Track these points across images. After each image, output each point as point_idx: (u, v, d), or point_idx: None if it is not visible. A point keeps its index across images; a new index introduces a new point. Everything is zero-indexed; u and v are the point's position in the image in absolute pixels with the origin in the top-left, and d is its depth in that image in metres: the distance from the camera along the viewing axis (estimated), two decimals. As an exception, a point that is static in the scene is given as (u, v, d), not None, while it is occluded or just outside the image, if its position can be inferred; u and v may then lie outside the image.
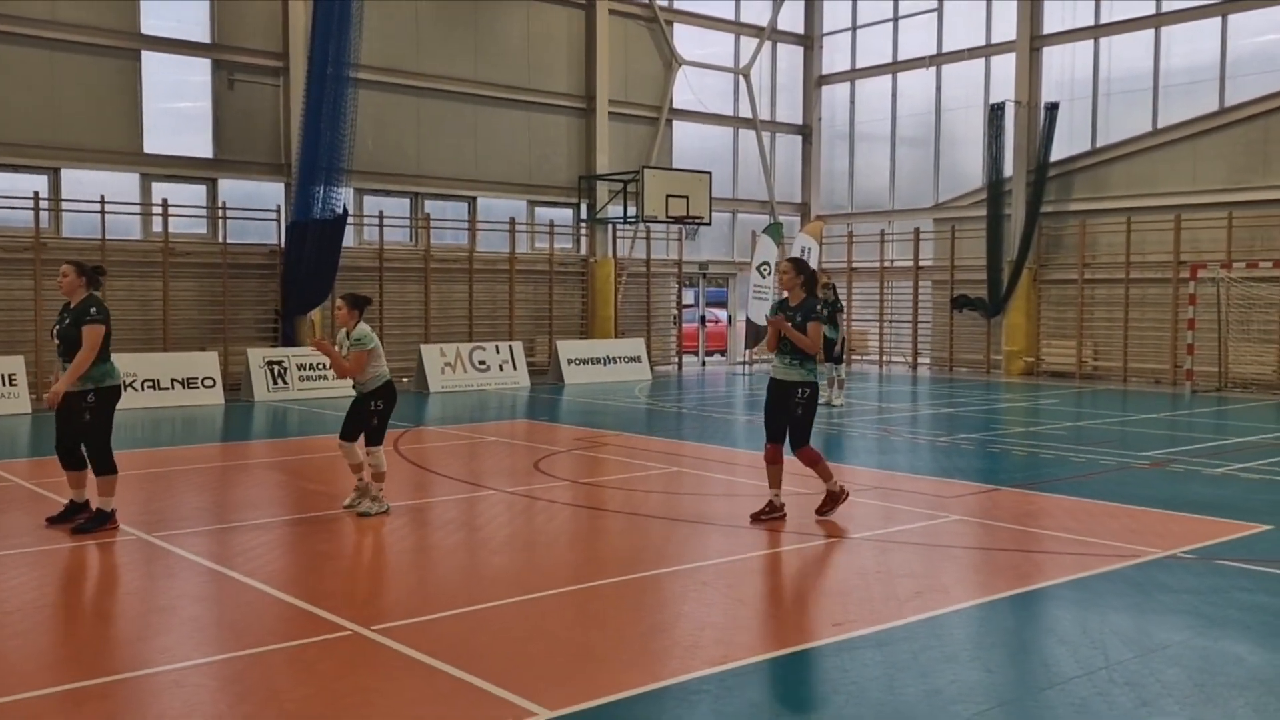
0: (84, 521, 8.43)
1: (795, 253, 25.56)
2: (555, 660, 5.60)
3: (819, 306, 8.94)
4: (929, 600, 6.75)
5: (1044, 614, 6.62)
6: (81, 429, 8.34)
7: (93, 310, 8.31)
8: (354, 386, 9.17)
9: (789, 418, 8.83)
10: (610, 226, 25.84)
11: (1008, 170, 25.05)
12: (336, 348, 9.17)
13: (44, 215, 18.68)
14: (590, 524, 9.25)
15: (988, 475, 11.46)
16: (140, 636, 6.13)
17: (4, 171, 18.63)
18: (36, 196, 18.52)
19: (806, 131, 30.36)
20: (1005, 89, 25.57)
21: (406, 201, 23.37)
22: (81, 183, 19.34)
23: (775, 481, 9.00)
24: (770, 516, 8.93)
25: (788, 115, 30.09)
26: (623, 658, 5.67)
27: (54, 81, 18.87)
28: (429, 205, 23.48)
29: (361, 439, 9.00)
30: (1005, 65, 25.84)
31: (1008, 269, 24.76)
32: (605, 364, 23.88)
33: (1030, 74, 25.05)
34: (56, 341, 8.49)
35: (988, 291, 25.11)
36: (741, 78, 28.78)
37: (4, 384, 16.92)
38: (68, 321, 8.35)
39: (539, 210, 25.30)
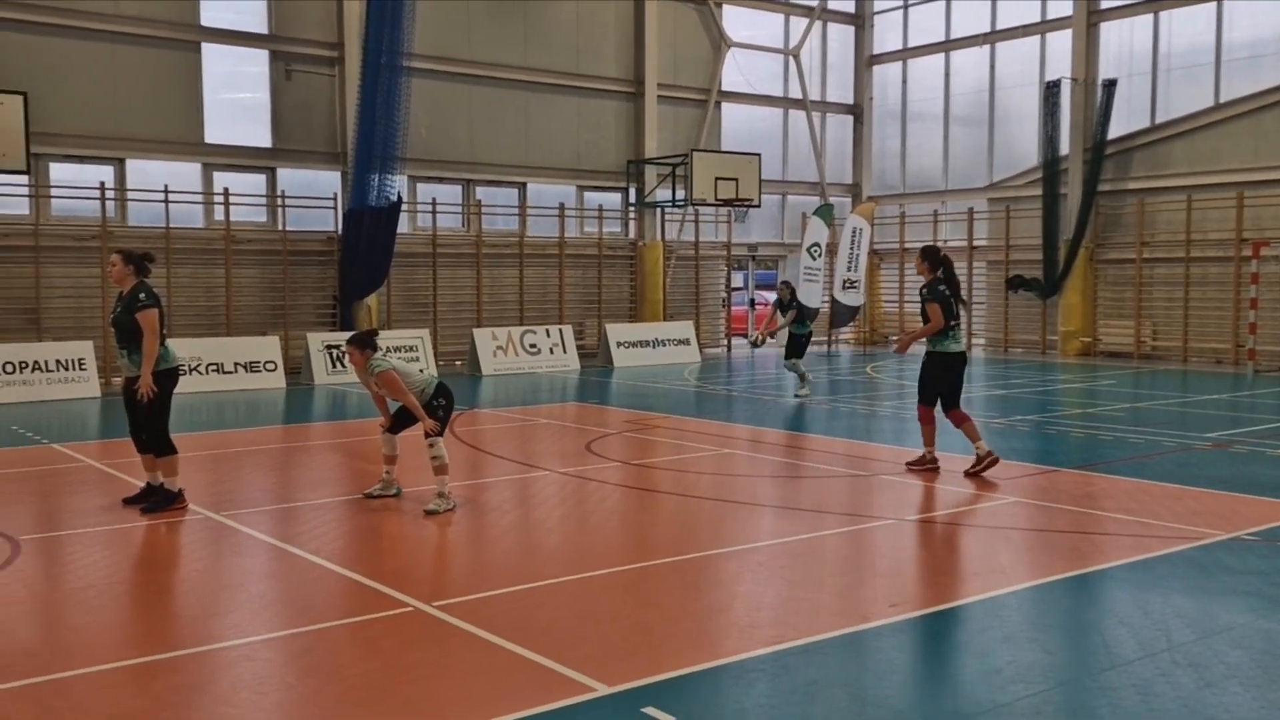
0: (153, 502, 8.63)
1: (847, 234, 25.43)
2: (612, 638, 5.65)
3: (929, 289, 10.23)
4: (986, 581, 6.71)
5: (1104, 595, 6.55)
6: (143, 411, 8.52)
7: (142, 296, 8.44)
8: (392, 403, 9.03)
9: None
10: (659, 210, 25.82)
11: (1064, 148, 24.65)
12: (372, 389, 8.99)
13: (110, 205, 19.08)
14: (643, 505, 9.29)
15: (1045, 457, 11.34)
16: (211, 612, 6.27)
17: (72, 163, 19.04)
18: (103, 187, 18.92)
19: (857, 112, 30.09)
20: (1061, 66, 25.13)
21: (459, 188, 23.54)
22: (146, 173, 19.72)
23: (929, 440, 10.35)
24: (924, 467, 10.19)
25: (838, 95, 29.83)
26: (679, 636, 5.70)
27: (117, 74, 19.23)
28: (480, 191, 23.63)
29: (401, 434, 9.06)
30: (1061, 42, 25.40)
31: (1064, 248, 24.40)
32: (654, 347, 23.90)
33: (1087, 50, 24.60)
34: (113, 330, 8.67)
35: (1043, 271, 24.76)
36: (791, 58, 28.56)
37: (74, 368, 17.35)
38: (120, 310, 8.52)
39: (588, 195, 25.35)
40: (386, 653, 5.45)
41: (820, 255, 25.34)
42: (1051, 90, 24.61)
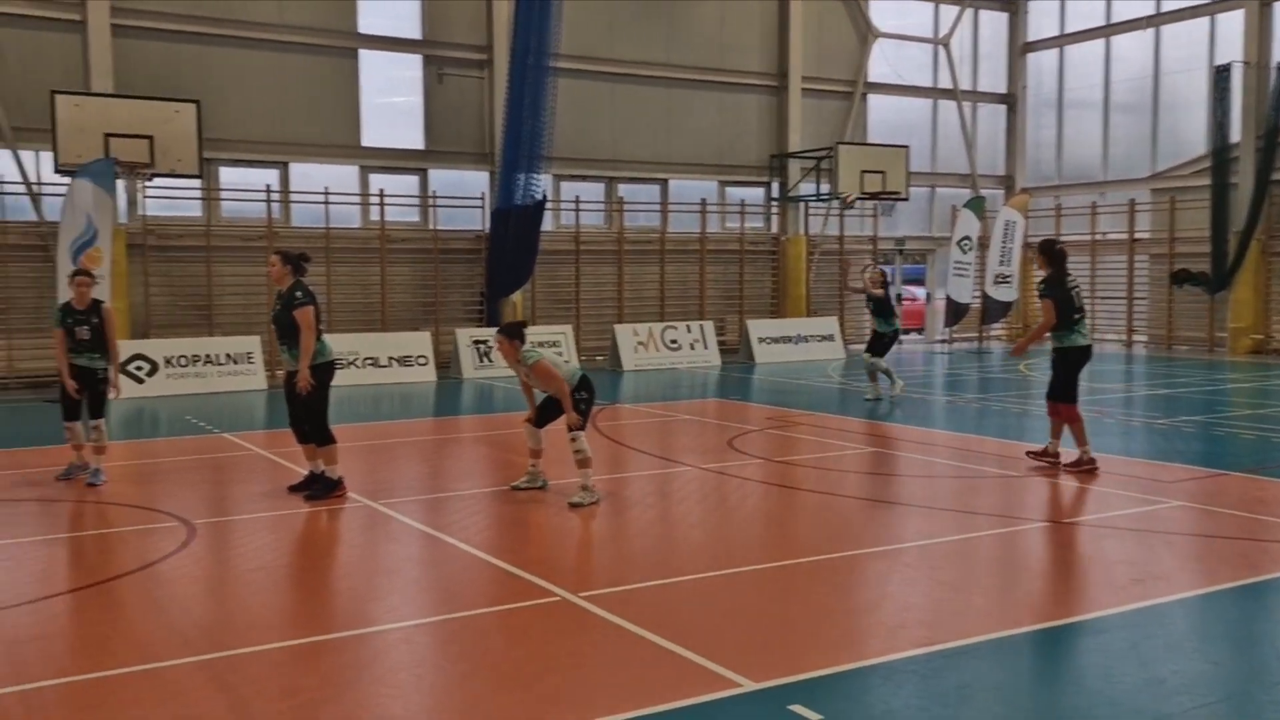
0: (315, 490, 9.04)
1: (999, 227, 24.75)
2: (758, 634, 5.65)
3: (1045, 284, 10.33)
4: (1148, 588, 6.45)
5: (1276, 606, 6.23)
6: (303, 404, 8.93)
7: (299, 294, 8.81)
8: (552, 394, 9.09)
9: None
10: (802, 204, 25.60)
11: (1235, 136, 23.38)
12: (522, 379, 9.16)
13: (275, 207, 20.01)
14: (786, 502, 9.25)
15: (1211, 459, 10.82)
16: (369, 596, 6.54)
17: (240, 167, 20.04)
18: (268, 190, 19.86)
19: (1011, 101, 29.20)
20: (1232, 49, 23.83)
21: (601, 186, 23.83)
22: (308, 176, 20.60)
23: (1080, 439, 10.01)
24: (1081, 468, 9.85)
25: (990, 84, 29.00)
26: (826, 635, 5.68)
27: (282, 82, 20.13)
28: (623, 189, 23.87)
29: (545, 428, 9.20)
30: (1232, 23, 24.11)
31: (1234, 241, 23.14)
32: (796, 343, 23.70)
33: (1260, 32, 23.29)
34: (274, 327, 9.11)
35: (1211, 265, 23.53)
36: (941, 47, 27.91)
37: (243, 361, 18.30)
38: (279, 307, 8.93)
39: (730, 190, 25.32)
40: (534, 641, 5.59)
41: (971, 249, 24.69)
42: (1221, 74, 23.37)
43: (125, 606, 6.29)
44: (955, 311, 25.41)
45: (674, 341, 22.61)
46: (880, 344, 16.03)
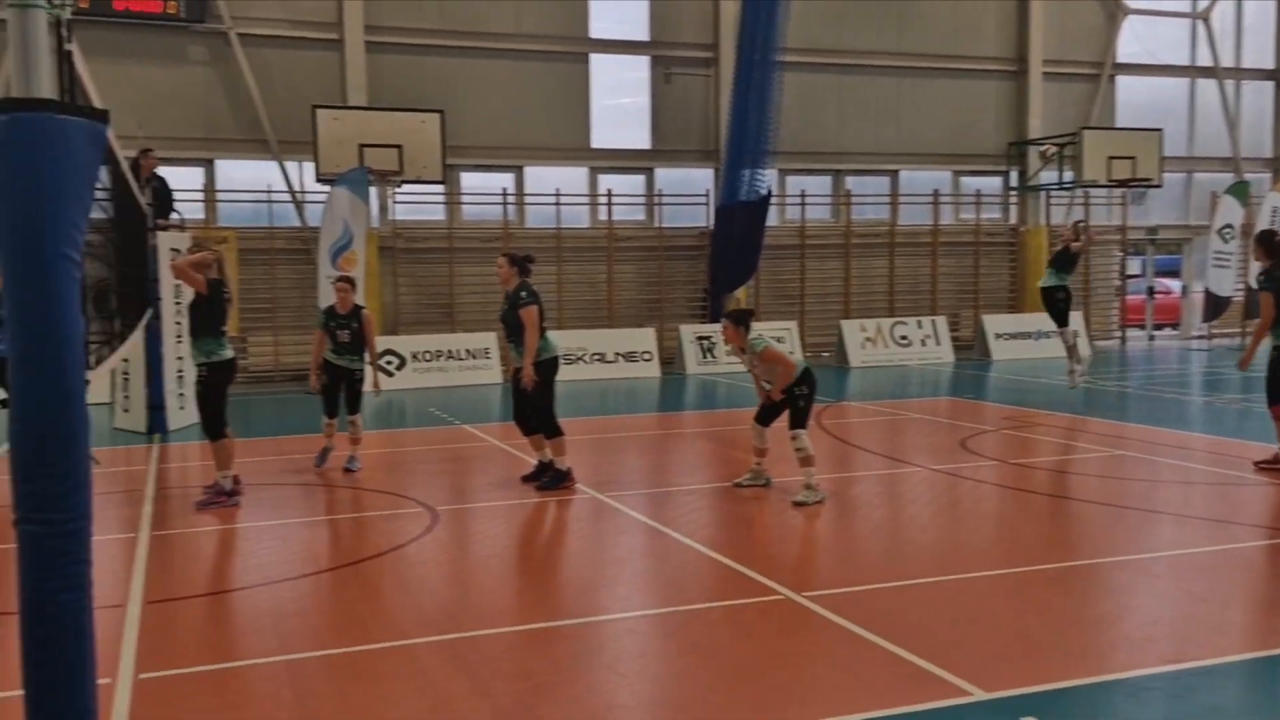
0: (546, 480, 9.41)
1: (1265, 214, 22.88)
2: (989, 643, 5.50)
3: (1265, 276, 9.44)
4: None
5: None
6: (530, 398, 9.31)
7: (523, 294, 9.24)
8: (766, 384, 9.03)
9: None
10: (1043, 193, 24.48)
11: None
12: (749, 368, 9.17)
13: (510, 209, 20.90)
14: (1023, 507, 8.90)
15: None
16: (598, 585, 6.76)
17: (479, 171, 21.01)
18: (505, 192, 20.76)
19: (1278, 77, 26.93)
20: None
21: (828, 179, 23.58)
22: (541, 178, 21.39)
23: None
24: (1272, 466, 9.50)
25: (1255, 60, 26.83)
26: (1063, 647, 5.45)
27: (517, 88, 20.97)
28: (850, 181, 23.53)
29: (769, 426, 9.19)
30: None
31: None
32: (1037, 339, 22.66)
33: None
34: (502, 325, 9.56)
35: None
36: (1199, 22, 26.05)
37: (481, 357, 19.26)
38: (506, 307, 9.39)
39: (964, 180, 24.52)
40: (758, 637, 5.63)
41: (1233, 238, 22.95)
42: None
43: (376, 586, 6.75)
44: (1215, 305, 23.66)
45: (904, 338, 22.13)
46: (1059, 309, 14.97)
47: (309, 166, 18.87)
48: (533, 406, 9.40)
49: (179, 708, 4.81)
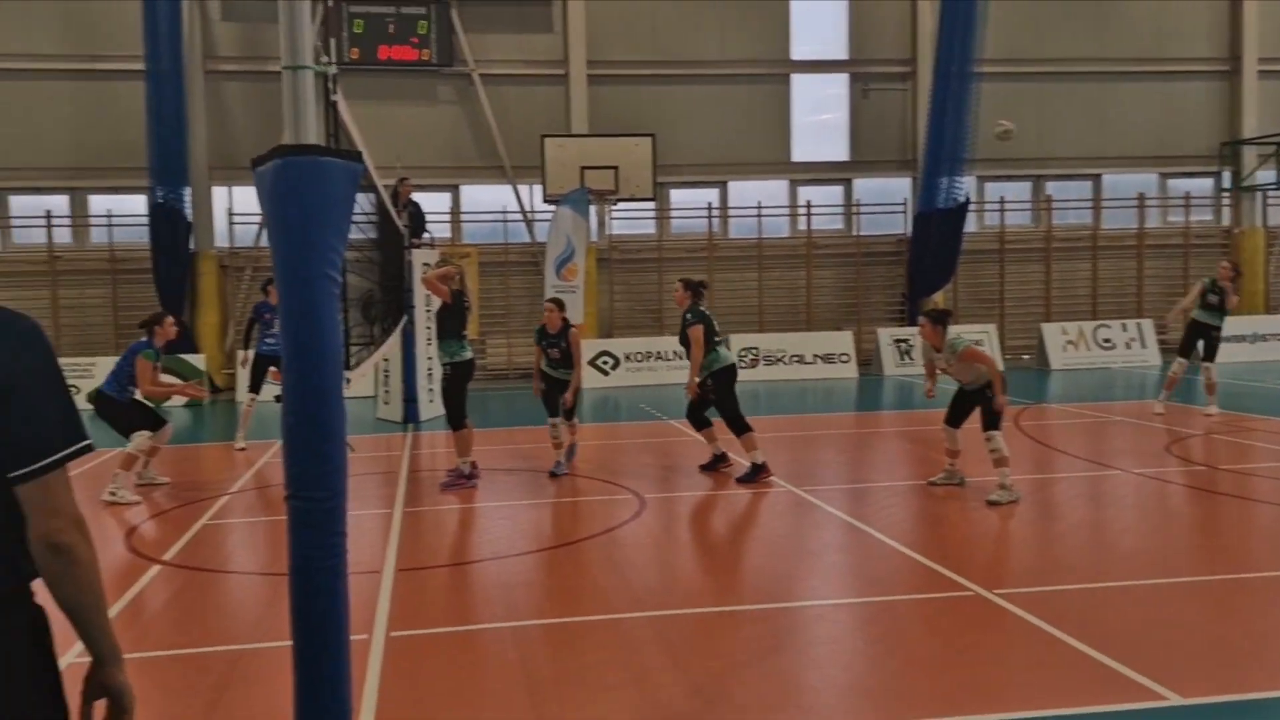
0: (745, 474, 9.43)
1: None
2: (1187, 649, 5.10)
3: None
4: None
5: None
6: (717, 403, 9.58)
7: (688, 316, 9.64)
8: (964, 385, 8.74)
9: None
10: (1260, 194, 22.53)
11: None
12: (943, 367, 8.76)
13: (715, 221, 21.01)
14: (1232, 513, 8.21)
15: None
16: (792, 573, 6.72)
17: (686, 188, 21.23)
18: (710, 207, 20.89)
19: None
20: None
21: (1027, 185, 22.51)
22: (743, 191, 21.40)
23: None
24: None
25: None
26: (1269, 657, 5.01)
27: (722, 110, 21.05)
28: (1050, 186, 22.38)
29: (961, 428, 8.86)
30: None
31: None
32: (1253, 342, 20.88)
33: None
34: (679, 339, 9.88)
35: None
36: None
37: (679, 359, 19.30)
38: (681, 326, 9.71)
39: (1171, 182, 22.87)
40: (947, 632, 5.47)
41: None
42: None
43: (590, 564, 6.94)
44: None
45: (1107, 340, 20.88)
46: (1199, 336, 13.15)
47: (538, 189, 19.57)
48: (720, 409, 9.57)
49: (422, 663, 5.11)
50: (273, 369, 11.85)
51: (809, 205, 21.24)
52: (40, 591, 2.10)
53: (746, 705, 4.49)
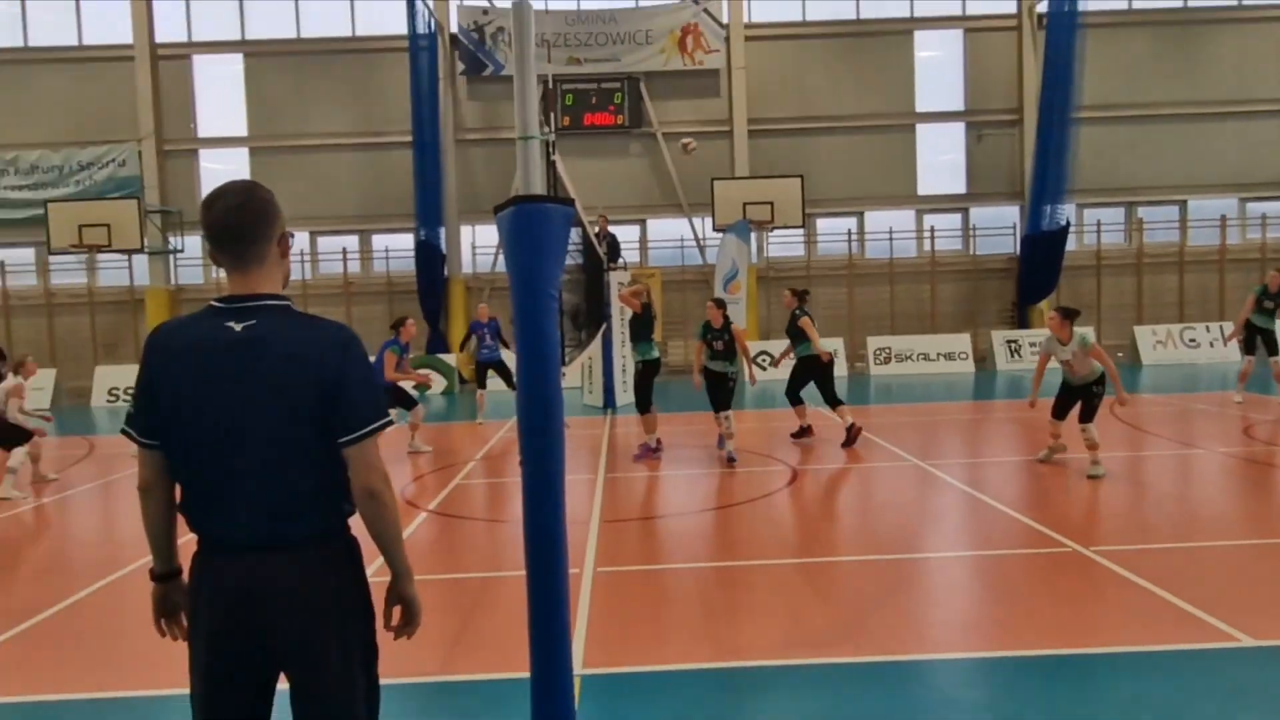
0: (846, 440, 9.64)
1: None
2: (1260, 599, 4.68)
3: None
4: None
5: None
6: (820, 382, 9.99)
7: (798, 312, 9.94)
8: (1072, 379, 8.09)
9: None
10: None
11: None
12: (1060, 358, 8.07)
13: (853, 245, 20.45)
14: (1310, 488, 7.40)
15: None
16: (918, 532, 6.50)
17: (829, 217, 20.74)
18: (849, 233, 20.37)
19: None
20: None
21: (1121, 210, 20.85)
22: (876, 220, 20.75)
23: None
24: None
25: None
26: (1343, 611, 4.53)
27: (857, 154, 20.49)
28: (1142, 210, 20.64)
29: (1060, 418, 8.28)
30: None
31: None
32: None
33: None
34: (789, 335, 10.12)
35: None
36: None
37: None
38: (789, 322, 10.01)
39: (1250, 205, 20.67)
40: (1048, 580, 5.19)
41: None
42: None
43: (751, 520, 6.91)
44: None
45: (1193, 340, 19.12)
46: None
47: (708, 220, 19.59)
48: (821, 388, 10.04)
49: (622, 593, 5.24)
50: (490, 369, 12.43)
51: (932, 230, 20.39)
52: (353, 525, 2.28)
53: (878, 635, 4.40)
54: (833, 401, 10.03)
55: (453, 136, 20.09)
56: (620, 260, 15.98)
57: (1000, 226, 20.50)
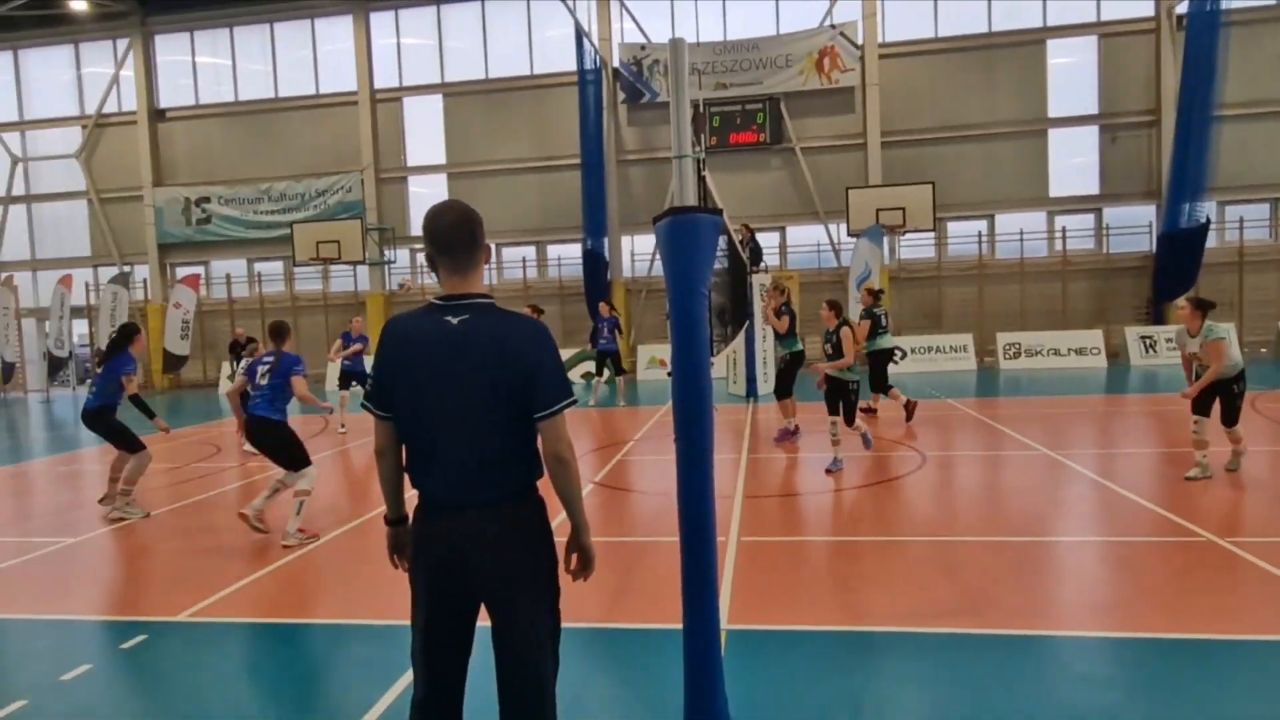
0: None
1: None
2: None
3: None
4: None
5: None
6: (875, 377, 9.93)
7: (864, 319, 9.62)
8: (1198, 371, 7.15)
9: None
10: None
11: None
12: (1187, 350, 7.16)
13: (984, 246, 19.25)
14: None
15: None
16: (1046, 516, 6.08)
17: (960, 220, 19.65)
18: (979, 235, 19.18)
19: None
20: None
21: (1265, 206, 18.44)
22: (1007, 222, 19.44)
23: None
24: None
25: None
26: None
27: (988, 160, 19.27)
28: (1295, 205, 18.18)
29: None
30: None
31: None
32: None
33: None
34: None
35: None
36: None
37: (960, 351, 17.97)
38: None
39: None
40: (1180, 568, 4.74)
41: None
42: None
43: (883, 500, 6.71)
44: None
45: (1351, 336, 16.64)
46: None
47: (842, 226, 19.02)
48: (876, 379, 9.94)
49: (764, 560, 5.24)
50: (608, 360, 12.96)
51: (1064, 230, 18.85)
52: (540, 487, 2.43)
53: (1004, 610, 4.19)
54: (886, 387, 10.11)
55: (615, 158, 20.53)
56: (762, 264, 15.81)
57: (1134, 225, 18.66)
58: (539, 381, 2.28)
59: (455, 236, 2.34)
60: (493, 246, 2.53)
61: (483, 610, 2.39)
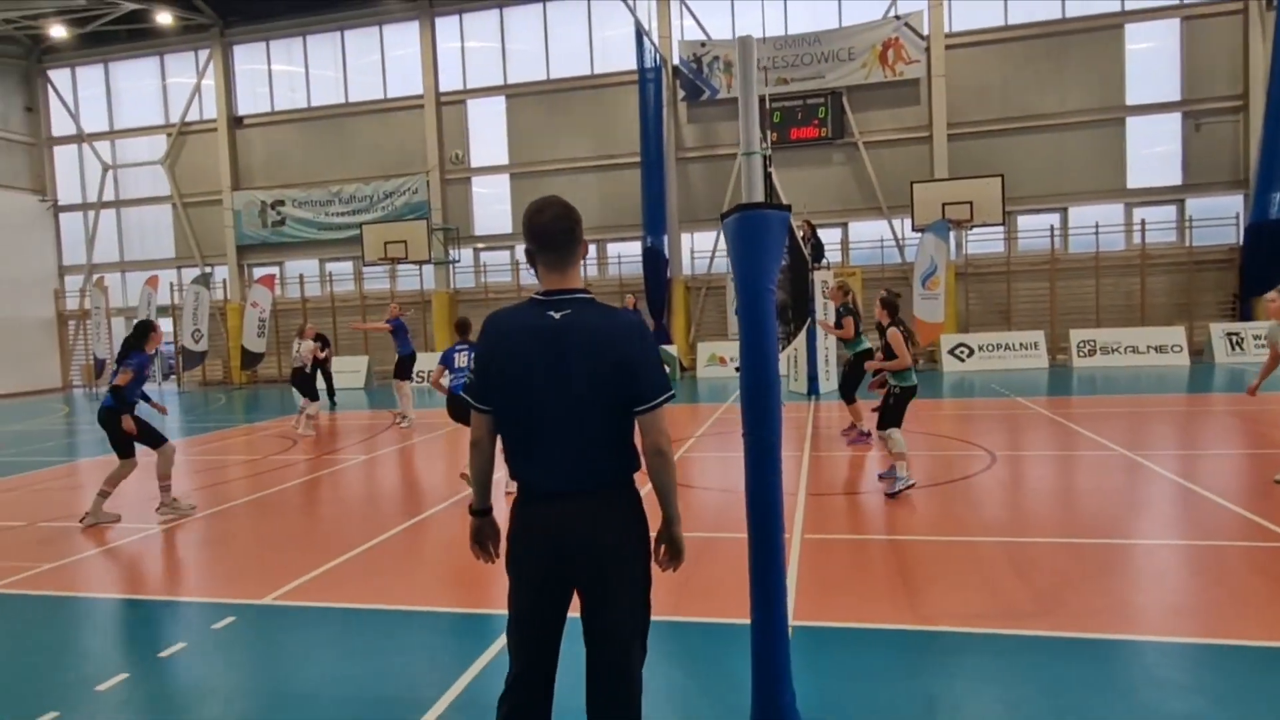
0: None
1: None
2: None
3: None
4: None
5: None
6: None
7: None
8: None
9: None
10: None
11: None
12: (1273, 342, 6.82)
13: (1056, 240, 18.59)
14: None
15: None
16: (1124, 518, 5.88)
17: (1031, 214, 19.02)
18: (1051, 229, 18.53)
19: None
20: None
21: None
22: (1081, 215, 18.72)
23: None
24: None
25: None
26: None
27: (1061, 150, 18.59)
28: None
29: None
30: None
31: None
32: None
33: None
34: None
35: None
36: None
37: (1031, 349, 17.44)
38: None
39: None
40: (1271, 574, 4.52)
41: None
42: None
43: (952, 500, 6.58)
44: None
45: None
46: None
47: (907, 221, 18.62)
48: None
49: (826, 557, 5.22)
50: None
51: (1143, 223, 18.06)
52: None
53: (1077, 612, 4.08)
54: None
55: (674, 155, 20.55)
56: (824, 260, 15.61)
57: (1220, 217, 17.73)
58: (639, 375, 2.32)
59: (555, 233, 2.40)
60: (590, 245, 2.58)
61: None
